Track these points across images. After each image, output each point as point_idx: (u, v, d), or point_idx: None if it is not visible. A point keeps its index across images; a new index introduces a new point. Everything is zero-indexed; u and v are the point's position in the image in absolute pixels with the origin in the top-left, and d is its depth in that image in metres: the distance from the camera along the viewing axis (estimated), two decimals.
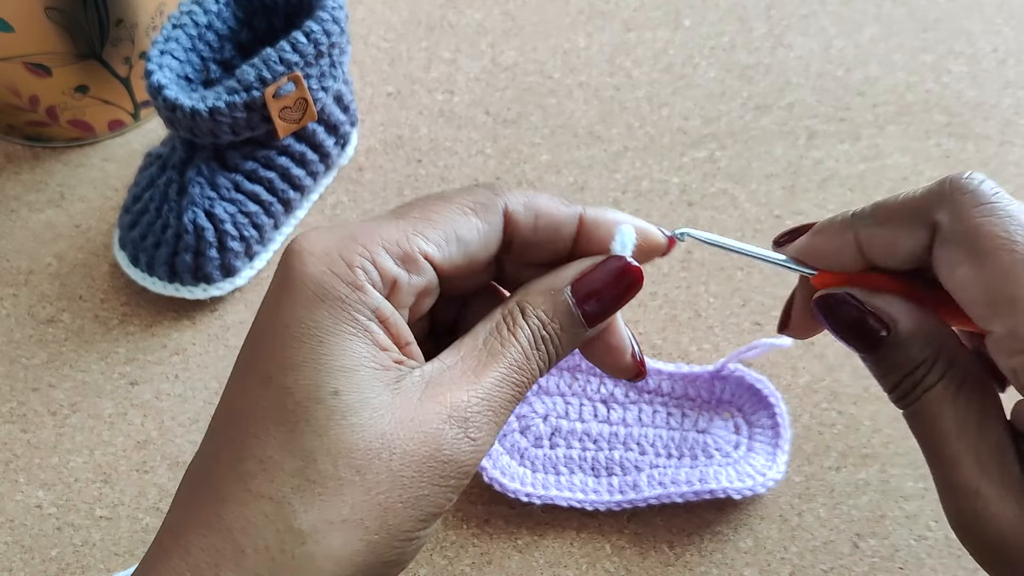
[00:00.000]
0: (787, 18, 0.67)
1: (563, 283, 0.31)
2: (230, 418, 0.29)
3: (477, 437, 0.29)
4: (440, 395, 0.29)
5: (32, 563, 0.45)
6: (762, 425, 0.48)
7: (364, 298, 0.28)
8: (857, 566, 0.45)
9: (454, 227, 0.30)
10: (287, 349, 0.28)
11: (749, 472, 0.46)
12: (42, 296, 0.54)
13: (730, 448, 0.47)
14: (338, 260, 0.28)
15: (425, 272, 0.30)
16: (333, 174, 0.58)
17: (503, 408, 0.30)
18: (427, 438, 0.28)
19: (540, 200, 0.31)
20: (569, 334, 0.31)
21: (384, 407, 0.28)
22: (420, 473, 0.28)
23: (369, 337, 0.28)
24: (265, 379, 0.28)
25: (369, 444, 0.27)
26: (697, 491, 0.45)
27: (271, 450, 0.27)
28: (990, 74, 0.64)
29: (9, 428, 0.49)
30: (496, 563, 0.45)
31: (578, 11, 0.67)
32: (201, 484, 0.28)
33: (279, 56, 0.49)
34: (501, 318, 0.31)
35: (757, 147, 0.60)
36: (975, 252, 0.28)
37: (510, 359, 0.30)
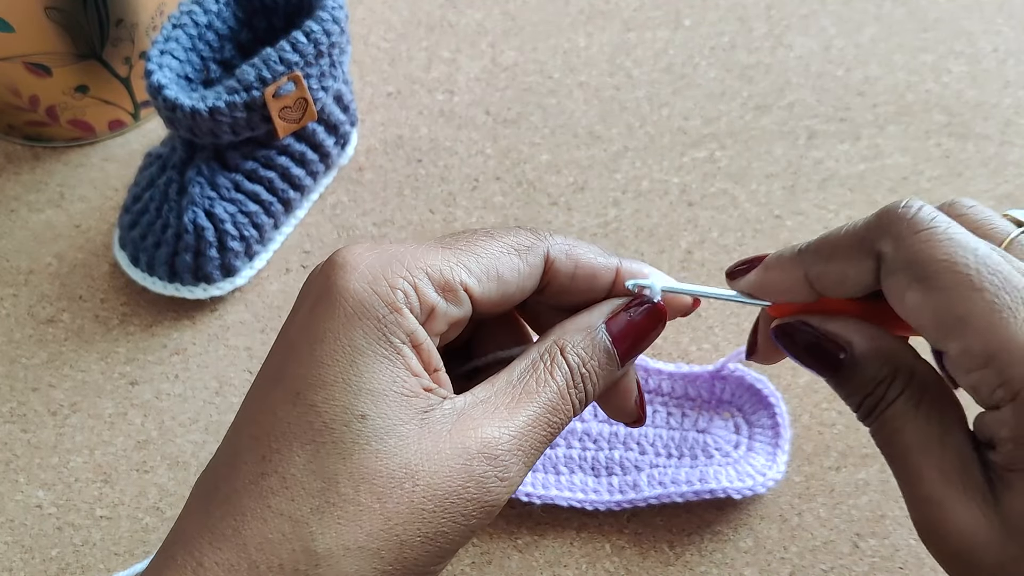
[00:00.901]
0: (787, 18, 0.67)
1: (598, 321, 0.32)
2: (253, 430, 0.28)
3: (506, 477, 0.28)
4: (471, 430, 0.28)
5: (32, 563, 0.45)
6: (762, 425, 0.48)
7: (401, 321, 0.28)
8: (857, 566, 0.45)
9: (497, 264, 0.30)
10: (318, 366, 0.27)
11: (749, 472, 0.46)
12: (42, 296, 0.54)
13: (730, 448, 0.47)
14: (380, 279, 0.28)
15: (463, 303, 0.30)
16: (333, 174, 0.58)
17: (535, 448, 0.29)
18: (453, 473, 0.27)
19: (580, 249, 0.32)
20: (605, 371, 0.31)
21: (411, 436, 0.27)
22: (442, 508, 0.27)
23: (402, 361, 0.28)
24: (293, 394, 0.28)
25: (392, 472, 0.27)
26: (697, 491, 0.45)
27: (294, 468, 0.27)
28: (990, 74, 0.64)
29: (9, 428, 0.49)
30: (496, 563, 0.45)
31: (578, 11, 0.67)
32: (219, 494, 0.28)
33: (279, 56, 0.49)
34: (539, 356, 0.31)
35: (757, 147, 0.60)
36: (919, 278, 0.28)
37: (546, 398, 0.30)
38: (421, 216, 0.57)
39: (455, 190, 0.58)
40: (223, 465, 0.28)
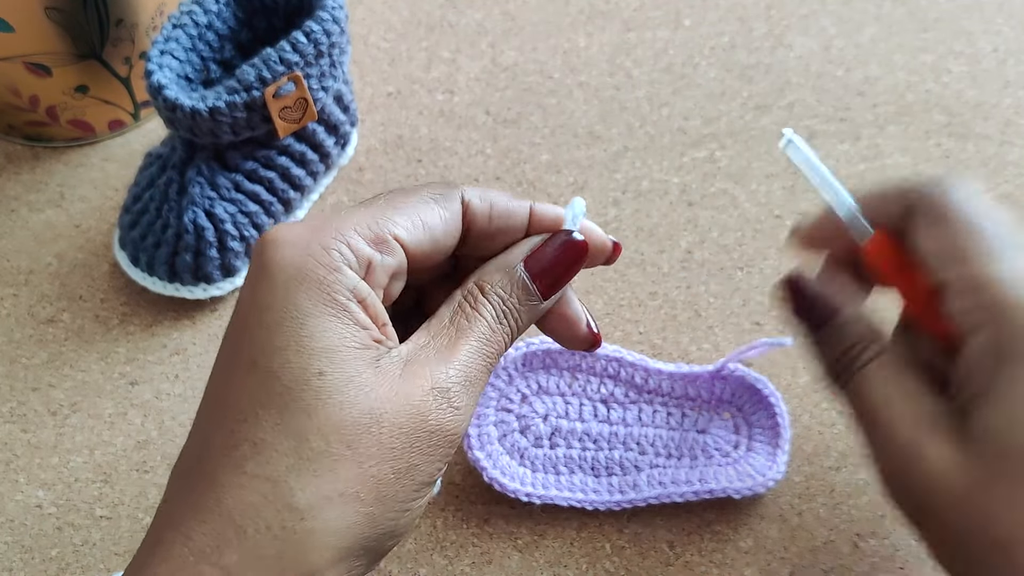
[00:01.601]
0: (787, 18, 0.67)
1: (516, 260, 0.33)
2: (218, 405, 0.29)
3: (460, 406, 0.30)
4: (420, 371, 0.30)
5: (32, 563, 0.45)
6: (762, 425, 0.47)
7: (342, 279, 0.29)
8: (857, 566, 0.45)
9: (419, 213, 0.32)
10: (269, 333, 0.29)
11: (749, 472, 0.46)
12: (42, 296, 0.54)
13: (730, 448, 0.47)
14: (314, 244, 0.30)
15: (396, 252, 0.31)
16: (333, 174, 0.58)
17: (478, 378, 0.32)
18: (413, 410, 0.29)
19: (492, 193, 0.34)
20: (527, 307, 0.33)
21: (368, 384, 0.29)
22: (409, 444, 0.29)
23: (349, 317, 0.29)
24: (250, 364, 0.29)
25: (358, 420, 0.28)
26: (697, 491, 0.45)
27: (263, 433, 0.28)
28: (990, 74, 0.64)
29: (9, 428, 0.49)
30: (496, 563, 0.45)
31: (578, 11, 0.67)
32: (195, 473, 0.29)
33: (279, 56, 0.49)
34: (462, 298, 0.32)
35: (757, 147, 0.60)
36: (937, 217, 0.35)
37: (478, 332, 0.32)
38: None
39: None
40: (196, 445, 0.30)
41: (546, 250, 0.33)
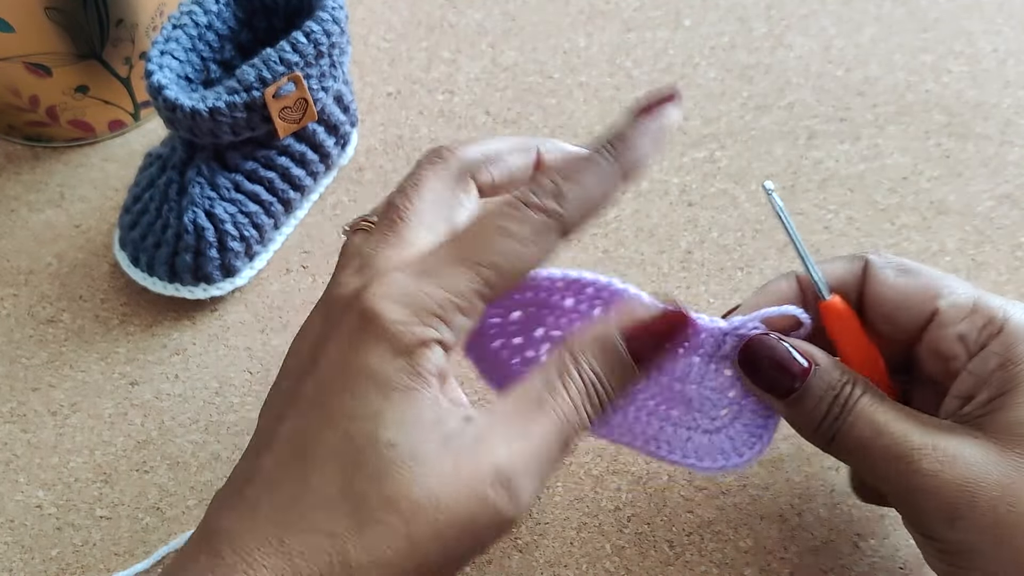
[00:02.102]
0: (787, 18, 0.67)
1: (615, 331, 0.33)
2: (294, 448, 0.30)
3: (519, 500, 0.30)
4: (488, 452, 0.30)
5: (32, 563, 0.45)
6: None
7: (431, 356, 0.30)
8: (857, 566, 0.45)
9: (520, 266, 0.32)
10: (356, 398, 0.30)
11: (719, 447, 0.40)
12: (42, 296, 0.54)
13: (715, 412, 0.40)
14: (415, 319, 0.30)
15: (480, 313, 0.32)
16: (333, 174, 0.58)
17: (549, 465, 0.31)
18: (471, 503, 0.29)
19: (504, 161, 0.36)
20: (622, 382, 0.33)
21: (434, 463, 0.29)
22: (461, 534, 0.29)
23: (429, 394, 0.30)
24: (331, 421, 0.30)
25: (417, 499, 0.29)
26: (663, 455, 0.40)
27: (332, 489, 0.29)
28: (990, 74, 0.64)
29: (9, 428, 0.49)
30: (496, 563, 0.45)
31: (578, 11, 0.67)
32: (262, 502, 0.30)
33: (279, 56, 0.49)
34: (554, 368, 0.32)
35: (757, 147, 0.60)
36: (905, 269, 0.37)
37: (559, 414, 0.31)
38: None
39: None
40: (264, 473, 0.30)
41: (647, 324, 0.33)
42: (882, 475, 0.34)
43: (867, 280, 0.37)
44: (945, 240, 0.56)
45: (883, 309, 0.37)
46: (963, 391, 0.35)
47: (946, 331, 0.35)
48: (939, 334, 0.35)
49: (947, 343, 0.35)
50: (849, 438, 0.34)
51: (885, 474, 0.34)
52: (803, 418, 0.36)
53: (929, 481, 0.32)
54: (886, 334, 0.37)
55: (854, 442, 0.34)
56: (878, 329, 0.37)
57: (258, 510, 0.30)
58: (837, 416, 0.34)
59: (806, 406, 0.35)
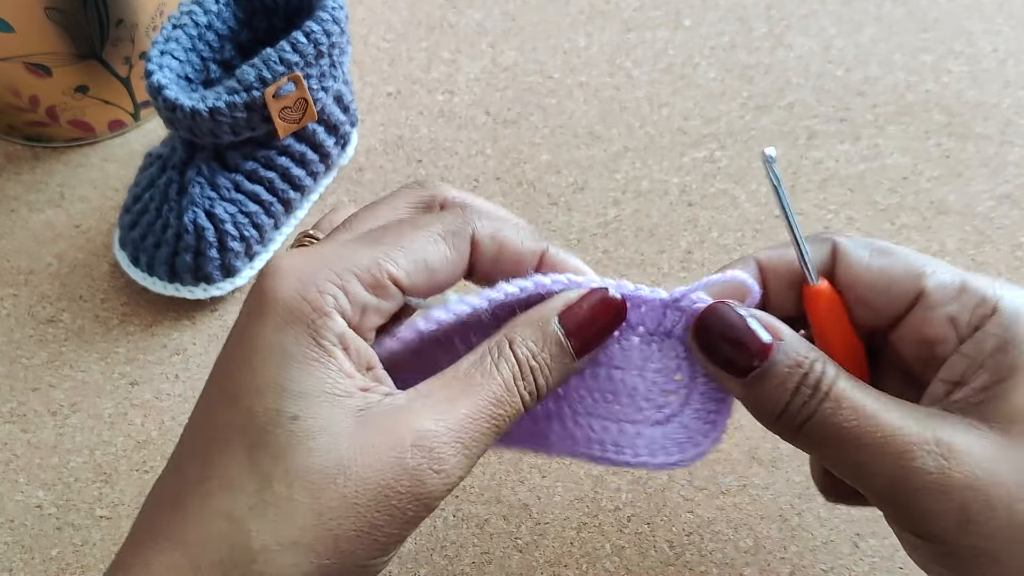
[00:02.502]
0: (787, 18, 0.67)
1: (551, 314, 0.32)
2: (197, 436, 0.29)
3: (441, 470, 0.28)
4: (407, 421, 0.28)
5: (32, 563, 0.45)
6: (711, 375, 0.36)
7: (331, 324, 0.29)
8: (857, 566, 0.45)
9: (424, 255, 0.31)
10: (253, 373, 0.28)
11: (673, 439, 0.35)
12: (42, 296, 0.54)
13: (663, 399, 0.35)
14: (310, 286, 0.29)
15: (394, 297, 0.30)
16: (333, 174, 0.58)
17: (476, 441, 0.29)
18: (385, 467, 0.28)
19: (506, 233, 0.32)
20: (559, 364, 0.32)
21: (343, 433, 0.28)
22: (375, 502, 0.28)
23: (333, 363, 0.29)
24: (231, 400, 0.29)
25: (325, 469, 0.27)
26: (613, 458, 0.35)
27: (233, 470, 0.28)
28: (990, 74, 0.64)
29: (9, 428, 0.49)
30: (496, 563, 0.45)
31: (578, 11, 0.67)
32: (167, 498, 0.29)
33: (279, 56, 0.49)
34: (487, 349, 0.31)
35: (757, 147, 0.60)
36: (882, 250, 0.33)
37: (489, 390, 0.30)
38: None
39: None
40: (170, 472, 0.30)
41: (583, 307, 0.32)
42: (868, 471, 0.30)
43: (838, 264, 0.34)
44: (945, 240, 0.56)
45: (859, 293, 0.33)
46: (953, 375, 0.32)
47: (934, 312, 0.32)
48: (925, 316, 0.32)
49: (935, 326, 0.32)
50: (826, 426, 0.30)
51: (872, 470, 0.30)
52: (764, 401, 0.31)
53: (934, 480, 0.29)
54: (860, 321, 0.34)
55: (832, 431, 0.30)
56: (852, 316, 0.34)
57: (160, 507, 0.29)
58: (807, 400, 0.30)
59: (768, 387, 0.31)
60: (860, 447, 0.30)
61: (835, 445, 0.30)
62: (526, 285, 0.33)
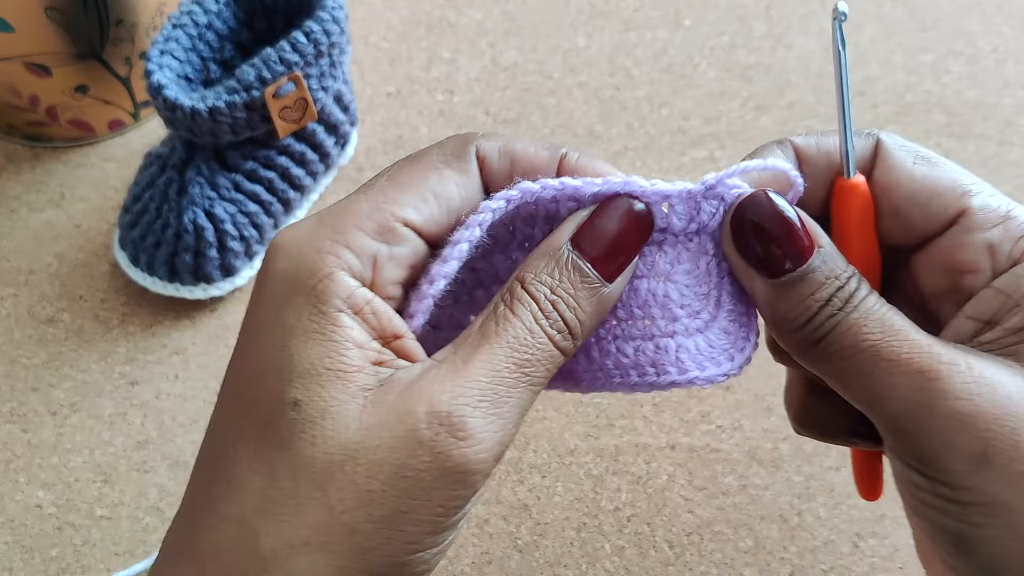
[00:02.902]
0: (787, 18, 0.67)
1: (562, 240, 0.28)
2: (210, 437, 0.27)
3: (467, 435, 0.25)
4: (419, 393, 0.25)
5: (32, 563, 0.45)
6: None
7: (334, 287, 0.25)
8: (857, 566, 0.45)
9: (427, 184, 0.27)
10: (254, 358, 0.26)
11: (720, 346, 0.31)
12: (42, 296, 0.54)
13: (699, 304, 0.31)
14: (306, 250, 0.26)
15: (407, 240, 0.27)
16: (333, 174, 0.58)
17: (506, 397, 0.25)
18: (398, 443, 0.24)
19: (516, 145, 0.29)
20: (586, 292, 0.27)
21: (350, 415, 0.25)
22: (391, 485, 0.24)
23: (338, 333, 0.25)
24: (235, 393, 0.26)
25: (331, 457, 0.24)
26: (652, 383, 0.31)
27: (238, 469, 0.25)
28: (990, 74, 0.64)
29: (9, 428, 0.49)
30: (496, 563, 0.45)
31: (578, 11, 0.67)
32: (184, 509, 0.27)
33: (279, 56, 0.49)
34: (499, 298, 0.27)
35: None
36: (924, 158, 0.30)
37: (507, 338, 0.26)
38: None
39: None
40: (190, 482, 0.27)
41: (597, 223, 0.28)
42: (884, 391, 0.27)
43: (878, 164, 0.30)
44: None
45: (895, 201, 0.30)
46: (984, 313, 0.28)
47: (972, 236, 0.28)
48: (963, 239, 0.29)
49: (971, 252, 0.28)
50: (848, 338, 0.27)
51: (889, 390, 0.26)
52: (789, 308, 0.28)
53: (960, 407, 0.25)
54: (886, 234, 0.30)
55: (853, 344, 0.27)
56: (881, 226, 0.30)
57: (181, 516, 0.26)
58: (835, 312, 0.27)
59: (798, 293, 0.28)
60: (880, 362, 0.27)
61: (853, 360, 0.27)
62: (550, 184, 0.28)
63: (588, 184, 0.29)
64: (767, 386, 0.50)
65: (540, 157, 0.29)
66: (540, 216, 0.30)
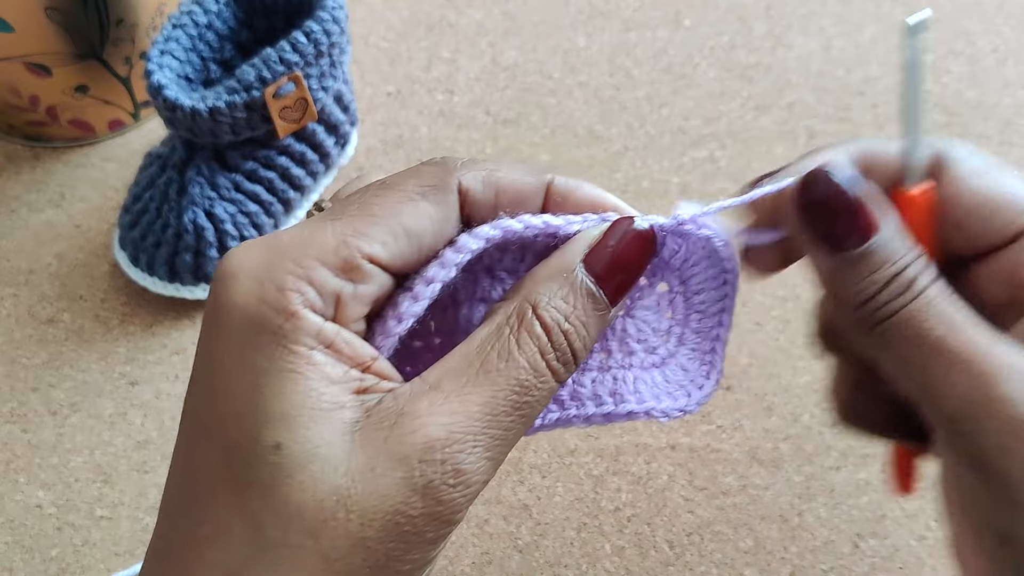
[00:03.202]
0: (787, 18, 0.67)
1: (574, 260, 0.27)
2: (181, 477, 0.26)
3: (460, 480, 0.24)
4: (411, 432, 0.24)
5: (32, 563, 0.45)
6: (704, 310, 0.32)
7: (301, 325, 0.24)
8: (857, 566, 0.45)
9: (400, 219, 0.26)
10: (224, 399, 0.24)
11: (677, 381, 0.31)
12: (42, 296, 0.54)
13: (658, 340, 0.32)
14: (267, 285, 0.24)
15: (373, 277, 0.25)
16: (333, 174, 0.58)
17: (499, 440, 0.25)
18: (392, 491, 0.23)
19: (501, 174, 0.27)
20: (594, 319, 0.27)
21: (338, 456, 0.24)
22: (387, 532, 0.23)
23: (314, 371, 0.24)
24: (208, 433, 0.25)
25: (321, 503, 0.23)
26: (609, 412, 0.31)
27: (223, 513, 0.24)
28: (990, 74, 0.64)
29: (9, 428, 0.49)
30: (496, 563, 0.45)
31: (578, 11, 0.67)
32: (165, 552, 0.25)
33: (279, 56, 0.49)
34: (505, 319, 0.26)
35: (757, 147, 0.60)
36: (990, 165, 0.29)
37: (510, 376, 0.25)
38: None
39: None
40: (163, 521, 0.26)
41: (610, 245, 0.27)
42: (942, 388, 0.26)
43: (942, 174, 0.29)
44: None
45: (956, 214, 0.29)
46: None
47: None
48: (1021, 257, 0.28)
49: None
50: (909, 328, 0.27)
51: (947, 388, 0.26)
52: (850, 285, 0.28)
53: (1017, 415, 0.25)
54: (950, 243, 0.30)
55: (914, 335, 0.27)
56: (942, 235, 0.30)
57: (161, 558, 0.25)
58: (897, 296, 0.27)
59: (861, 270, 0.27)
60: (940, 358, 0.26)
61: (913, 350, 0.27)
62: (532, 223, 0.27)
63: (570, 223, 0.28)
64: (767, 386, 0.50)
65: (527, 185, 0.28)
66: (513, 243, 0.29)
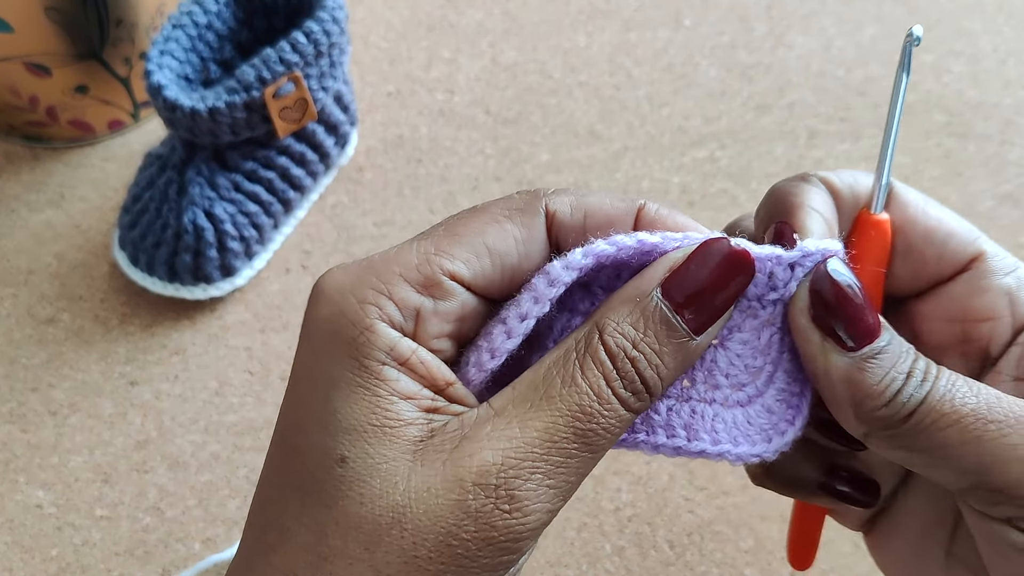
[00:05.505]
0: (787, 18, 0.67)
1: (650, 285, 0.26)
2: (262, 482, 0.27)
3: (515, 507, 0.24)
4: (468, 456, 0.24)
5: (32, 563, 0.45)
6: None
7: (375, 339, 0.25)
8: (857, 566, 0.45)
9: (483, 238, 0.26)
10: (296, 407, 0.26)
11: (758, 424, 0.29)
12: (42, 296, 0.54)
13: (746, 377, 0.29)
14: (348, 299, 0.25)
15: (454, 295, 0.26)
16: (333, 174, 0.58)
17: (561, 468, 0.24)
18: (445, 512, 0.24)
19: (590, 199, 0.27)
20: (672, 348, 0.25)
21: (398, 473, 0.24)
22: (439, 553, 0.24)
23: (383, 387, 0.25)
24: (281, 440, 0.26)
25: (378, 519, 0.24)
26: (679, 448, 0.29)
27: (288, 520, 0.25)
28: (990, 74, 0.64)
29: (9, 428, 0.49)
30: None
31: (578, 11, 0.67)
32: (240, 555, 0.26)
33: (279, 56, 0.49)
34: (573, 343, 0.26)
35: (757, 147, 0.60)
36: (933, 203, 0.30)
37: (571, 403, 0.25)
38: (421, 216, 0.57)
39: (455, 190, 0.58)
40: (246, 524, 0.27)
41: (694, 268, 0.26)
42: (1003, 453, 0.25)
43: (893, 202, 0.29)
44: None
45: (910, 239, 0.29)
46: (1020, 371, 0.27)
47: (992, 281, 0.28)
48: (980, 284, 0.28)
49: (990, 297, 0.28)
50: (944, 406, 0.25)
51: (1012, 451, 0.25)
52: (875, 381, 0.26)
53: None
54: (895, 277, 0.29)
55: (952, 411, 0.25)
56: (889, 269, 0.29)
57: (238, 564, 0.26)
58: (921, 382, 0.26)
59: (883, 365, 0.26)
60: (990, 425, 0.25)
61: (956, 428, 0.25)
62: (626, 243, 0.26)
63: (668, 240, 0.27)
64: None
65: (616, 209, 0.27)
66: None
